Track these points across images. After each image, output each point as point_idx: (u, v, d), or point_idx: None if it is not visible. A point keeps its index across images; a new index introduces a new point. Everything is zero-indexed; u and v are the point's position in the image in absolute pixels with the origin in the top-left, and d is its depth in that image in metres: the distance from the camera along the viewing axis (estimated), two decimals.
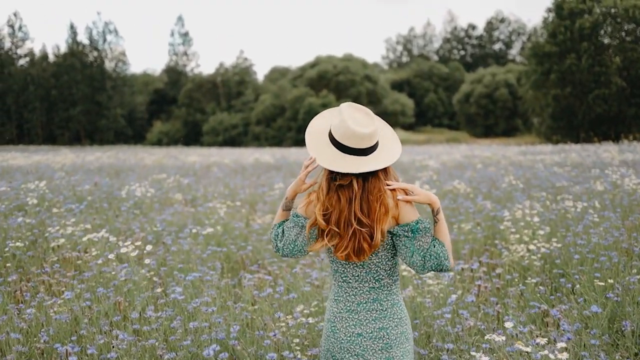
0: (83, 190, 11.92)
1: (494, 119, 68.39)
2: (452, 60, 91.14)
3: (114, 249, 6.58)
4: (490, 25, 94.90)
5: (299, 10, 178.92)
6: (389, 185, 2.79)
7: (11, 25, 70.29)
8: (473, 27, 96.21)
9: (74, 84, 69.24)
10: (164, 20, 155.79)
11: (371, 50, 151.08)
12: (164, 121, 73.94)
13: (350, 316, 2.84)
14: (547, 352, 3.27)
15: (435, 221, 2.83)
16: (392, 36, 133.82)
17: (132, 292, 5.22)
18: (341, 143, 2.75)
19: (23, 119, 68.63)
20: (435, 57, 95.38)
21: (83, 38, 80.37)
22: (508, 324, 3.41)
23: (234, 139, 63.40)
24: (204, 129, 66.24)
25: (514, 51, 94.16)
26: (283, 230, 3.01)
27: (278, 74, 76.87)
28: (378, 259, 2.82)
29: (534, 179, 13.68)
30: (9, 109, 67.33)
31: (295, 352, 4.24)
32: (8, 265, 6.63)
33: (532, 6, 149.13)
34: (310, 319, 4.61)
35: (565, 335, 3.79)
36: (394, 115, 68.80)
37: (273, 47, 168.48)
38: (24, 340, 4.67)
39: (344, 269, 2.88)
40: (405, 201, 2.77)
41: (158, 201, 11.44)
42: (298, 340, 4.43)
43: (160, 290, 5.22)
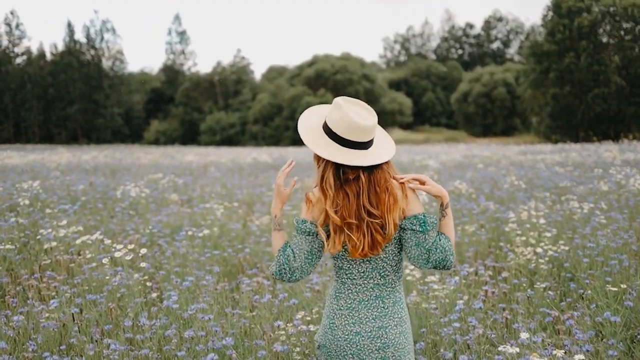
0: (77, 190, 11.71)
1: (492, 118, 68.23)
2: (450, 59, 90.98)
3: (108, 252, 6.39)
4: (488, 24, 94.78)
5: (297, 9, 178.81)
6: (402, 177, 2.74)
7: (8, 24, 70.02)
8: (471, 26, 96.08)
9: (71, 83, 68.91)
10: (162, 19, 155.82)
11: (369, 49, 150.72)
12: (161, 120, 73.65)
13: (350, 314, 2.76)
14: None
15: (444, 215, 2.78)
16: (390, 35, 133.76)
17: (126, 298, 5.01)
18: (343, 137, 2.68)
19: (20, 117, 68.34)
20: (433, 56, 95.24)
21: (80, 36, 79.81)
22: (523, 334, 3.21)
23: (231, 138, 63.24)
24: (201, 128, 66.04)
25: (512, 50, 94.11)
26: (292, 250, 2.79)
27: (275, 72, 76.60)
28: (385, 254, 2.76)
29: (537, 179, 13.49)
30: (6, 108, 67.01)
31: None
32: None
33: (530, 5, 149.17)
34: (311, 327, 4.41)
35: (583, 347, 3.58)
36: (391, 114, 68.68)
37: (270, 46, 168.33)
38: (11, 349, 4.47)
39: (349, 265, 2.79)
40: (418, 189, 2.74)
41: (154, 201, 11.23)
42: (299, 349, 4.24)
43: (155, 296, 5.00)
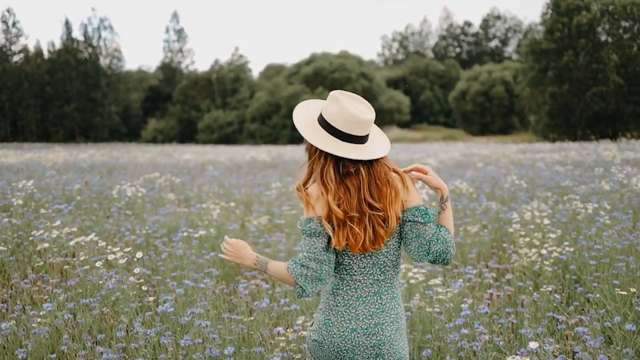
0: (73, 190, 11.53)
1: (490, 116, 68.10)
2: (448, 57, 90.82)
3: (103, 254, 6.24)
4: (486, 23, 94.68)
5: (295, 7, 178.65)
6: (405, 168, 2.74)
7: (5, 22, 69.76)
8: (469, 25, 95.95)
9: (69, 81, 68.65)
10: (159, 17, 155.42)
11: (367, 47, 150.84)
12: (158, 118, 73.42)
13: (347, 310, 2.70)
14: None
15: (443, 209, 2.77)
16: (389, 33, 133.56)
17: (120, 303, 4.85)
18: (341, 131, 2.63)
19: (17, 116, 68.07)
20: (431, 55, 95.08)
21: (78, 34, 79.39)
22: (533, 344, 3.07)
23: (229, 137, 63.11)
24: (199, 126, 65.89)
25: (510, 48, 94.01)
26: (306, 255, 2.65)
27: (273, 71, 76.43)
28: (387, 248, 2.72)
29: (538, 179, 13.35)
30: (3, 106, 66.72)
31: None
32: None
33: (529, 3, 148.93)
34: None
35: (597, 356, 3.44)
36: (389, 112, 68.57)
37: (268, 44, 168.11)
38: (1, 357, 4.32)
39: (349, 260, 2.72)
40: (419, 179, 2.73)
41: (150, 201, 11.07)
42: (300, 355, 4.10)
43: (150, 300, 4.83)
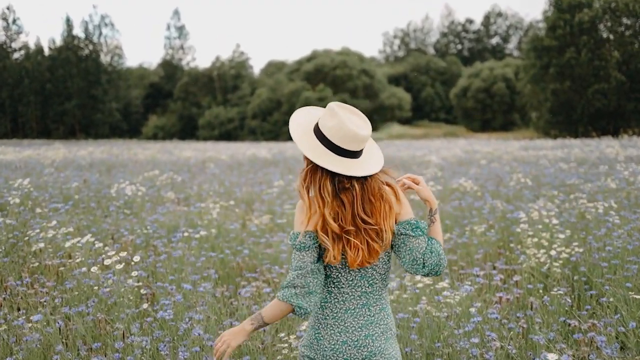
0: (71, 188, 11.35)
1: (492, 113, 67.94)
2: (449, 54, 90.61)
3: (100, 254, 6.07)
4: (487, 20, 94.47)
5: (296, 4, 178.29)
6: (399, 179, 2.75)
7: (5, 19, 69.61)
8: (470, 22, 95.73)
9: (69, 78, 68.55)
10: (160, 14, 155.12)
11: (368, 44, 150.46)
12: (159, 115, 73.26)
13: (336, 323, 2.70)
14: None
15: (432, 221, 2.77)
16: (390, 30, 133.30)
17: (117, 308, 4.68)
18: (338, 146, 2.61)
19: (17, 112, 67.97)
20: (432, 51, 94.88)
21: (79, 31, 79.35)
22: (551, 356, 2.90)
23: (230, 133, 62.98)
24: (199, 123, 65.78)
25: (511, 45, 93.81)
26: (298, 274, 2.64)
27: (274, 67, 76.28)
28: (376, 262, 2.71)
29: (542, 176, 13.18)
30: (4, 103, 66.66)
31: None
32: None
33: (530, 0, 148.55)
34: None
35: None
36: (390, 109, 68.49)
37: (269, 41, 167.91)
38: None
39: (338, 273, 2.71)
40: (410, 187, 2.74)
41: (149, 200, 10.90)
42: None
43: (147, 306, 4.65)
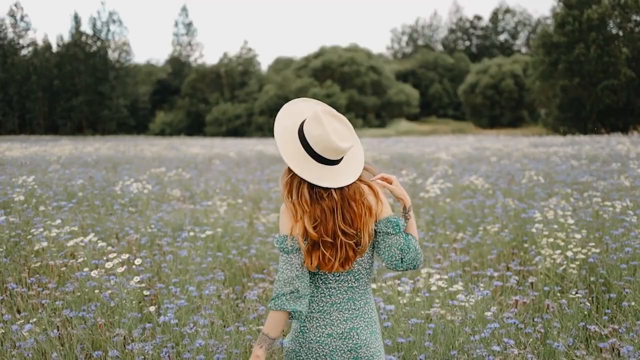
0: (75, 186, 11.19)
1: (500, 109, 67.71)
2: (458, 51, 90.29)
3: (103, 254, 5.91)
4: (495, 16, 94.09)
5: (304, 0, 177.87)
6: (372, 179, 2.77)
7: (13, 16, 69.64)
8: (478, 18, 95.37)
9: (77, 74, 68.59)
10: (168, 11, 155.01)
11: (376, 40, 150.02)
12: (167, 111, 73.15)
13: (322, 316, 2.75)
14: None
15: (407, 218, 2.82)
16: (398, 26, 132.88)
17: (118, 311, 4.51)
18: (318, 154, 2.65)
19: (25, 109, 68.01)
20: (441, 48, 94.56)
21: (87, 28, 79.26)
22: None
23: (237, 130, 62.85)
24: (207, 119, 65.66)
25: (520, 42, 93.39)
26: (286, 280, 2.66)
27: (282, 64, 76.09)
28: (361, 258, 2.76)
29: (554, 174, 12.94)
30: (12, 99, 66.71)
31: None
32: None
33: None
34: None
35: None
36: (398, 105, 68.34)
37: (277, 38, 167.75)
38: None
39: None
40: (383, 187, 2.75)
41: (155, 198, 10.72)
42: None
43: (150, 309, 4.47)
